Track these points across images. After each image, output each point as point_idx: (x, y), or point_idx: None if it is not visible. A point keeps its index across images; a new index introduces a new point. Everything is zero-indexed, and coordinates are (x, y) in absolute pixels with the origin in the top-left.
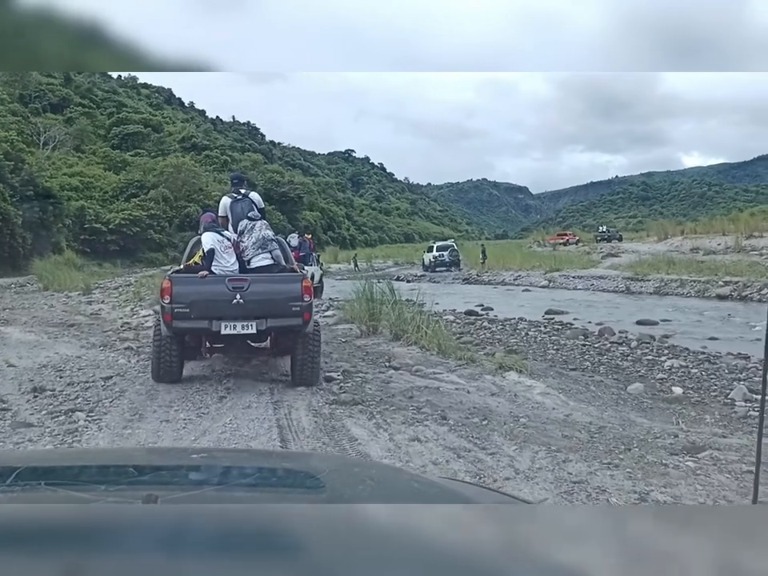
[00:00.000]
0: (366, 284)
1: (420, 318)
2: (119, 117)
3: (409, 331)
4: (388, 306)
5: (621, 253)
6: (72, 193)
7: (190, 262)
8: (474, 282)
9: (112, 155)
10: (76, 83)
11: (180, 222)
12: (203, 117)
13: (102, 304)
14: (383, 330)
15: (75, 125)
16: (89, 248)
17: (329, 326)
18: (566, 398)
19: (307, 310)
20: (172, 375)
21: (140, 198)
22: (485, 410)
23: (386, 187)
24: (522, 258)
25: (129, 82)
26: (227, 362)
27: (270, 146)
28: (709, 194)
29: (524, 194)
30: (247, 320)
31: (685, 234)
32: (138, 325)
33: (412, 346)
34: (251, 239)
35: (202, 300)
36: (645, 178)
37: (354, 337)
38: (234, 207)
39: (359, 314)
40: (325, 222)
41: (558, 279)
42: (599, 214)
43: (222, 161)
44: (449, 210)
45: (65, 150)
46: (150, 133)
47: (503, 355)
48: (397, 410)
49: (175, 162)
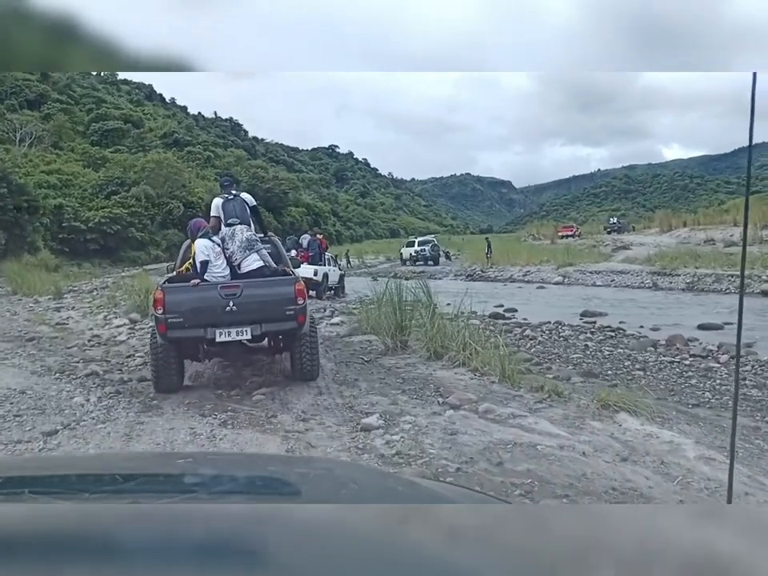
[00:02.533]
0: (390, 283)
1: (467, 331)
2: (98, 113)
3: (453, 348)
4: (423, 314)
5: (630, 245)
6: (50, 191)
7: (182, 268)
8: (478, 279)
9: (91, 152)
10: (54, 79)
11: (162, 220)
12: (185, 113)
13: (71, 311)
14: (412, 344)
15: (53, 121)
16: (68, 247)
17: (340, 337)
18: (738, 466)
19: (301, 313)
20: (172, 384)
21: (120, 195)
22: (632, 493)
23: (370, 182)
24: (530, 253)
25: (108, 78)
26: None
27: (252, 142)
28: (691, 186)
29: (507, 188)
30: (242, 326)
31: (691, 226)
32: (110, 338)
33: (459, 368)
34: (235, 243)
35: (195, 309)
36: (627, 171)
37: (377, 354)
38: (226, 206)
39: (382, 323)
40: (310, 218)
41: (572, 275)
42: (582, 208)
43: (205, 157)
44: (433, 205)
45: (42, 146)
46: (130, 129)
47: (582, 380)
48: (485, 488)
49: (157, 158)
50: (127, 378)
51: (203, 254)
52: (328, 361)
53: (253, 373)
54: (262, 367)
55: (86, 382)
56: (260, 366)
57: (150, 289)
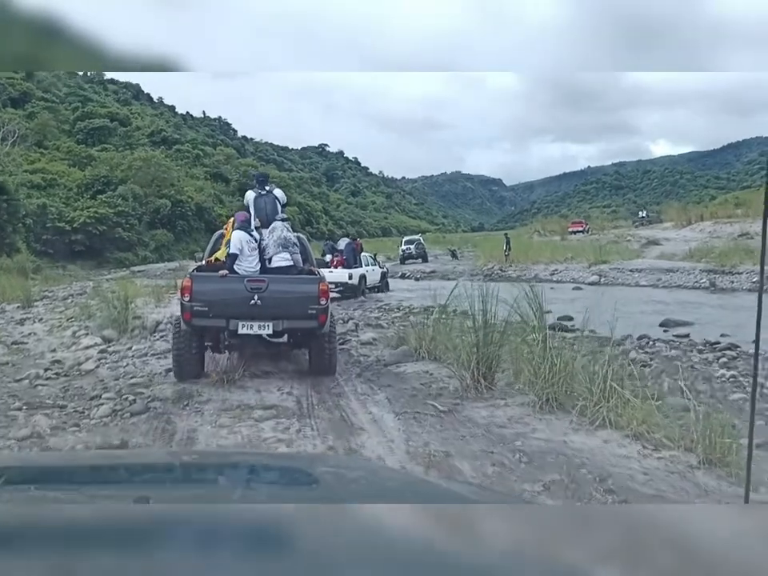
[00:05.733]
0: (466, 287)
1: (608, 366)
2: (84, 111)
3: (583, 392)
4: (531, 337)
5: (659, 240)
6: (33, 190)
7: (212, 258)
8: (497, 279)
9: (76, 150)
10: (38, 78)
11: (150, 219)
12: (173, 112)
13: (38, 323)
14: (499, 380)
15: (37, 119)
16: (51, 249)
17: (383, 365)
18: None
19: (323, 313)
20: (193, 372)
21: (107, 194)
22: None
23: (361, 181)
24: (554, 250)
25: (95, 77)
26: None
27: (242, 141)
28: (681, 182)
29: (498, 185)
30: (264, 320)
31: (707, 219)
32: (74, 365)
33: (605, 429)
34: (272, 238)
35: (220, 299)
36: (617, 168)
37: (452, 396)
38: (258, 202)
39: (453, 346)
40: (303, 217)
41: (609, 273)
42: (574, 204)
43: (193, 155)
44: (424, 204)
45: (26, 145)
46: (116, 127)
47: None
48: None
49: (144, 156)
50: (84, 442)
51: (236, 246)
52: (382, 408)
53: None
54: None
55: (17, 451)
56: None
57: (133, 296)
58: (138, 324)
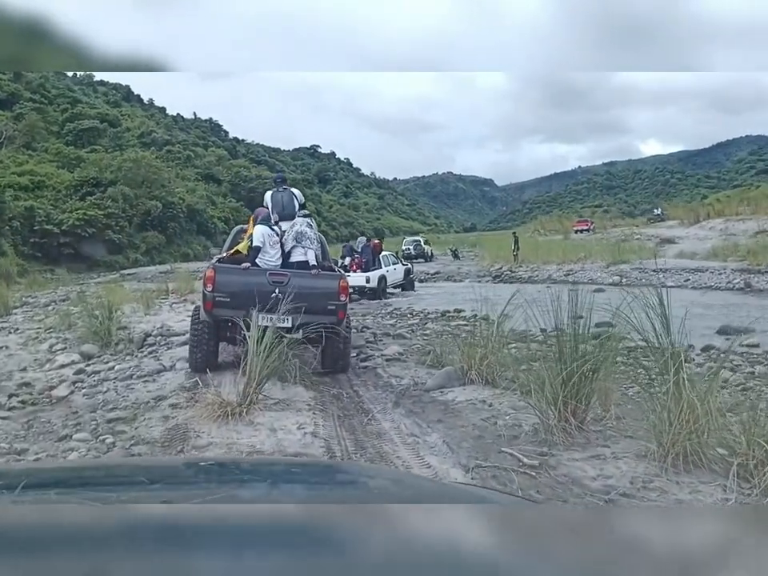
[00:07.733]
0: (553, 293)
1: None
2: (73, 112)
3: (748, 450)
4: (642, 366)
5: (674, 239)
6: (21, 192)
7: (232, 250)
8: (507, 280)
9: (65, 152)
10: (27, 79)
11: (141, 221)
12: (163, 114)
13: (13, 334)
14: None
15: (25, 121)
16: (40, 252)
17: (424, 390)
18: None
19: (342, 309)
20: (209, 362)
21: (96, 196)
22: None
23: (353, 182)
24: (566, 249)
25: (84, 79)
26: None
27: (233, 143)
28: (672, 182)
29: (490, 186)
30: (283, 314)
31: (724, 216)
32: (45, 388)
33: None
34: (291, 233)
35: (241, 291)
36: (608, 167)
37: (534, 439)
38: (275, 197)
39: (538, 378)
40: None
41: (630, 274)
42: (565, 204)
43: (184, 156)
44: (416, 204)
45: (14, 147)
46: (106, 128)
47: None
48: None
49: (134, 157)
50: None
51: (258, 240)
52: (444, 459)
53: None
54: None
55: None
56: None
57: (119, 302)
58: (124, 336)
